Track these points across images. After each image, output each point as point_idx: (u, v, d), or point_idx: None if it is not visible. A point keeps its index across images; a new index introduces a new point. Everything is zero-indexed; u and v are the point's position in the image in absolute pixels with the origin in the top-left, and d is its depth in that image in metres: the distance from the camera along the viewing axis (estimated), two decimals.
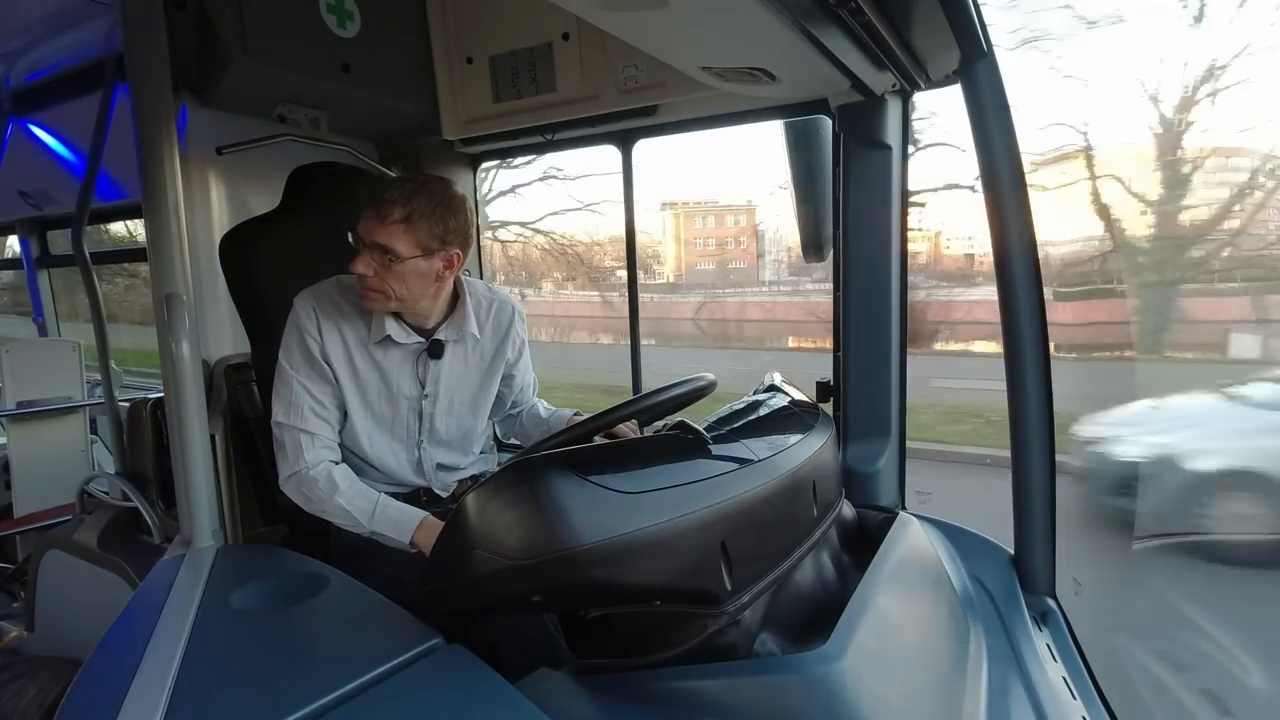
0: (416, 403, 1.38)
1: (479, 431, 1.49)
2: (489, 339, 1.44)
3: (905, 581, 1.21)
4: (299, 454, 1.27)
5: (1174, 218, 6.33)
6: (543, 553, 0.82)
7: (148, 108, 1.23)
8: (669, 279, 14.34)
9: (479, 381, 1.45)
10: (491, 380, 1.47)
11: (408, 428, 1.39)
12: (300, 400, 1.28)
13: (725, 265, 14.20)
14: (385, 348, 1.34)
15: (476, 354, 1.43)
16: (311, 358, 1.29)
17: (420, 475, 1.42)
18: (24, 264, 3.15)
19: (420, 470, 1.42)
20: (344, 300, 1.32)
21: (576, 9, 1.04)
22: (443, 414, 1.41)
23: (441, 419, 1.41)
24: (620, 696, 0.88)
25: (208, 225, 1.69)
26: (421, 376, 1.37)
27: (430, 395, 1.38)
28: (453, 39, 1.96)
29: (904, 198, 1.61)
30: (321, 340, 1.29)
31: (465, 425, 1.45)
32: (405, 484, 1.41)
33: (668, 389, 1.25)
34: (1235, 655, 2.46)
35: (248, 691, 0.85)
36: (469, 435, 1.47)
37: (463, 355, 1.41)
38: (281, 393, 1.29)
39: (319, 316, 1.29)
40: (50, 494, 2.41)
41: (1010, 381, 1.37)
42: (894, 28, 1.18)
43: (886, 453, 1.63)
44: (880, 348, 1.64)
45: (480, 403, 1.47)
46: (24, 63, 1.89)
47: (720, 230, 14.35)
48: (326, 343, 1.30)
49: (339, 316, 1.31)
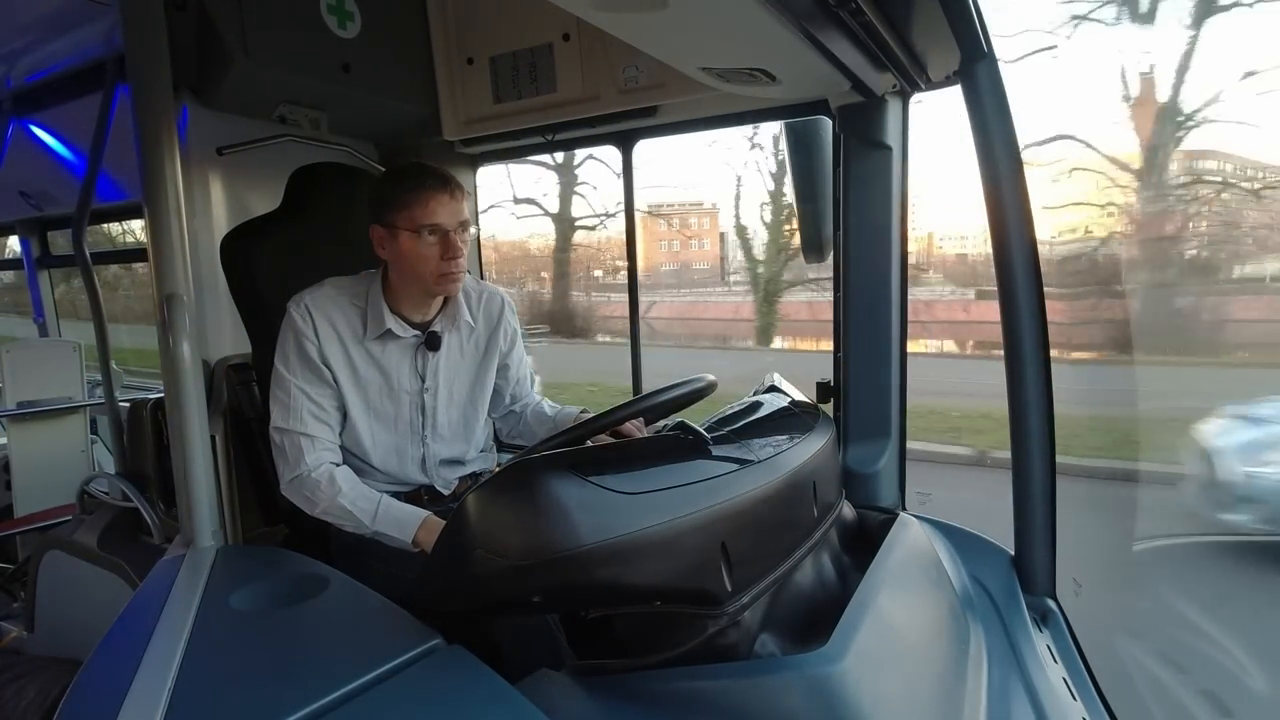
0: (418, 396, 1.39)
1: (479, 424, 1.50)
2: (482, 328, 1.46)
3: (905, 582, 1.21)
4: (300, 458, 1.27)
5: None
6: (543, 553, 0.82)
7: (148, 108, 1.23)
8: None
9: (475, 372, 1.47)
10: (487, 370, 1.48)
11: (410, 423, 1.39)
12: (299, 404, 1.28)
13: (688, 266, 14.80)
14: (384, 343, 1.34)
15: (471, 344, 1.45)
16: (309, 360, 1.29)
17: (423, 472, 1.42)
18: (24, 264, 3.15)
19: (424, 467, 1.42)
20: (338, 301, 1.33)
21: (577, 10, 1.04)
22: (444, 406, 1.42)
23: (443, 411, 1.42)
24: (620, 697, 0.88)
25: (208, 225, 1.69)
26: (421, 370, 1.38)
27: (431, 388, 1.39)
28: (453, 39, 1.96)
29: (904, 198, 1.61)
30: (319, 342, 1.30)
31: (466, 416, 1.46)
32: (408, 482, 1.41)
33: (668, 389, 1.25)
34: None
35: (248, 692, 0.85)
36: (470, 427, 1.48)
37: (459, 346, 1.43)
38: (279, 398, 1.29)
39: (314, 319, 1.30)
40: (50, 494, 2.41)
41: (1010, 382, 1.37)
42: (894, 28, 1.18)
43: (887, 453, 1.63)
44: (880, 348, 1.63)
45: (478, 393, 1.48)
46: (25, 63, 1.89)
47: (684, 232, 14.79)
48: (324, 345, 1.30)
49: (334, 317, 1.31)
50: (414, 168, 1.32)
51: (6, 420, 2.52)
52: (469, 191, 1.31)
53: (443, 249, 1.27)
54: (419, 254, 1.27)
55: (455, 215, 1.27)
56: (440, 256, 1.27)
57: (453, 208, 1.27)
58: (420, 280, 1.30)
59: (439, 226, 1.26)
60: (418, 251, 1.26)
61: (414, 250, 1.27)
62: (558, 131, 1.99)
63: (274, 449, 1.30)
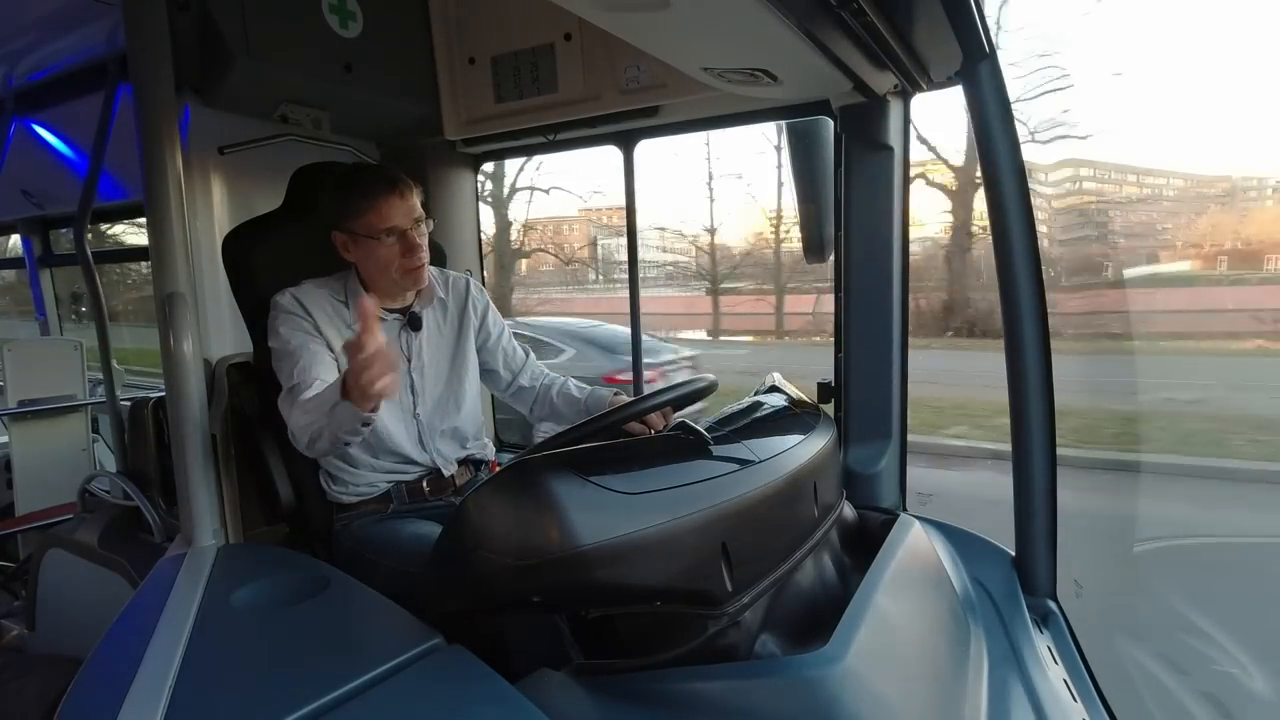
0: (405, 375, 1.44)
1: (466, 395, 1.53)
2: (453, 304, 1.54)
3: (906, 583, 1.21)
4: (298, 390, 1.23)
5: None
6: (543, 553, 0.82)
7: (150, 107, 1.23)
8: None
9: (454, 343, 1.53)
10: (465, 343, 1.54)
11: (401, 401, 1.43)
12: (307, 360, 1.28)
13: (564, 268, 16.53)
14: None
15: (447, 321, 1.53)
16: (307, 332, 1.32)
17: (423, 449, 1.46)
18: (26, 263, 3.16)
19: (421, 443, 1.46)
20: (320, 293, 1.38)
21: (579, 10, 1.04)
22: (431, 382, 1.48)
23: (431, 386, 1.48)
24: (620, 697, 0.88)
25: (210, 225, 1.70)
26: (407, 350, 1.44)
27: (417, 366, 1.45)
28: (455, 39, 1.96)
29: (905, 198, 1.61)
30: (314, 319, 1.33)
31: (452, 387, 1.51)
32: (413, 460, 1.45)
33: (668, 390, 1.25)
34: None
35: (248, 691, 0.85)
36: (457, 398, 1.52)
37: (437, 324, 1.51)
38: (284, 368, 1.28)
39: (303, 304, 1.34)
40: (52, 493, 2.41)
41: (1011, 382, 1.37)
42: (896, 28, 1.17)
43: (887, 454, 1.63)
44: (881, 349, 1.63)
45: (460, 365, 1.52)
46: (27, 62, 1.90)
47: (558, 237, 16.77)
48: (319, 322, 1.34)
49: (321, 304, 1.36)
50: (359, 172, 1.38)
51: (8, 419, 2.52)
52: (473, 190, 1.33)
53: (403, 248, 1.34)
54: (381, 256, 1.34)
55: (409, 214, 1.34)
56: (401, 255, 1.34)
57: (405, 207, 1.33)
58: (386, 277, 1.37)
59: (395, 228, 1.33)
60: (380, 254, 1.34)
61: (376, 253, 1.34)
62: (559, 131, 1.99)
63: (283, 412, 1.24)
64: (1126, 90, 7.22)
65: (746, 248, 14.52)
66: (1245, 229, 9.21)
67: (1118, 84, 7.79)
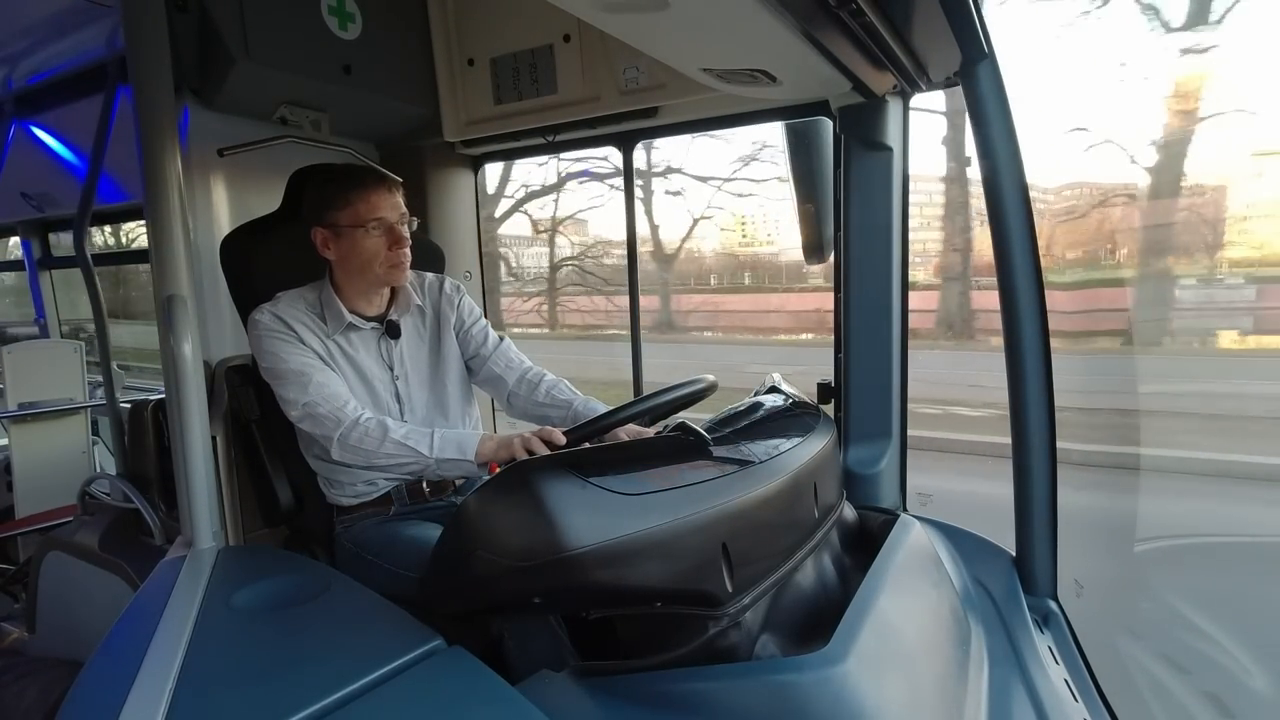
0: (390, 385, 1.44)
1: (451, 399, 1.52)
2: (429, 307, 1.53)
3: (906, 583, 1.21)
4: (339, 413, 1.26)
5: None
6: (543, 555, 0.82)
7: (149, 109, 1.23)
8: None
9: (435, 347, 1.52)
10: (446, 344, 1.53)
11: (388, 410, 1.43)
12: (309, 373, 1.29)
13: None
14: (348, 336, 1.39)
15: (426, 326, 1.52)
16: (298, 344, 1.32)
17: None
18: (26, 265, 3.16)
19: None
20: (297, 305, 1.37)
21: (578, 11, 1.04)
22: (416, 389, 1.47)
23: (416, 394, 1.47)
24: (621, 698, 0.88)
25: (209, 227, 1.70)
26: (388, 359, 1.44)
27: (401, 375, 1.45)
28: (454, 41, 1.96)
29: (905, 199, 1.61)
30: (296, 333, 1.33)
31: (436, 393, 1.51)
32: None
33: (669, 390, 1.25)
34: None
35: (248, 693, 0.85)
36: (443, 403, 1.51)
37: (416, 330, 1.50)
38: (286, 382, 1.29)
39: (285, 320, 1.33)
40: (52, 495, 2.41)
41: (1011, 382, 1.37)
42: (895, 29, 1.17)
43: (888, 454, 1.63)
44: (881, 349, 1.63)
45: (442, 369, 1.52)
46: (26, 65, 1.90)
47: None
48: (302, 335, 1.34)
49: (299, 317, 1.36)
50: (347, 168, 1.40)
51: (8, 421, 2.52)
52: (472, 191, 1.33)
53: (389, 240, 1.34)
54: (367, 248, 1.34)
55: (396, 208, 1.36)
56: (388, 247, 1.35)
57: (392, 201, 1.35)
58: (369, 273, 1.36)
59: (383, 220, 1.34)
60: (366, 245, 1.33)
61: (362, 245, 1.33)
62: (558, 132, 1.99)
63: (307, 429, 1.29)
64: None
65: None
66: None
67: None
